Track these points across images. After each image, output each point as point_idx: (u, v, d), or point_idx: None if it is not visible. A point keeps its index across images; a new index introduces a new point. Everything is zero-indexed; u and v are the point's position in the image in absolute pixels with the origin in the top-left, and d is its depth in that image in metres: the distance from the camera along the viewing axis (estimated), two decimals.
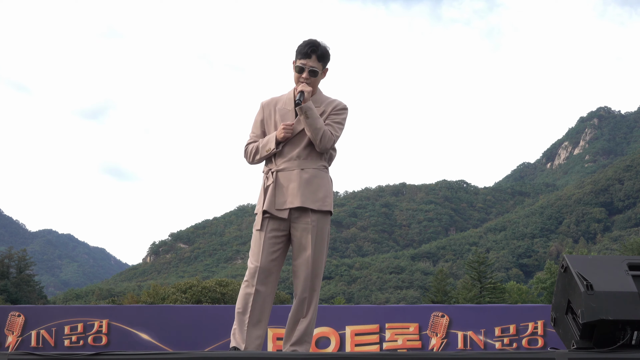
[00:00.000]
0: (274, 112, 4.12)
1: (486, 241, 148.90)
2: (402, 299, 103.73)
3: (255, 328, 3.88)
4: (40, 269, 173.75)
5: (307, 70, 4.01)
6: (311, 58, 4.02)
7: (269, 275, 3.95)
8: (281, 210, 3.95)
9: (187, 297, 48.67)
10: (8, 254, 73.33)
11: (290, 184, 3.96)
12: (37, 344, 8.42)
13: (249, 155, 4.13)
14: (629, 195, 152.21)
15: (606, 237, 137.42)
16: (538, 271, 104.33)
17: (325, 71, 4.13)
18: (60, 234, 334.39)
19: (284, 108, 4.10)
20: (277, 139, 3.98)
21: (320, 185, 4.01)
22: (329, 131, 3.99)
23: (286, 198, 3.95)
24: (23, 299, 62.04)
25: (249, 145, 4.13)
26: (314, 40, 4.05)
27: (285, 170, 3.99)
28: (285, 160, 4.00)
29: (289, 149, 4.02)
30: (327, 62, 4.12)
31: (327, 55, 4.09)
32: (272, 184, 3.98)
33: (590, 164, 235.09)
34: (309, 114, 3.92)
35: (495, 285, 55.70)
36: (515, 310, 8.65)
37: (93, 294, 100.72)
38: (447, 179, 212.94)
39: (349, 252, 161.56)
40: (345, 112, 4.14)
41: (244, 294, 3.92)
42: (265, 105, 4.18)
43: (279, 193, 3.97)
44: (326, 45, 4.09)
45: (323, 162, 4.07)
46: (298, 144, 4.01)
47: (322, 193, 4.00)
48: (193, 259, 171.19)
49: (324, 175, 4.05)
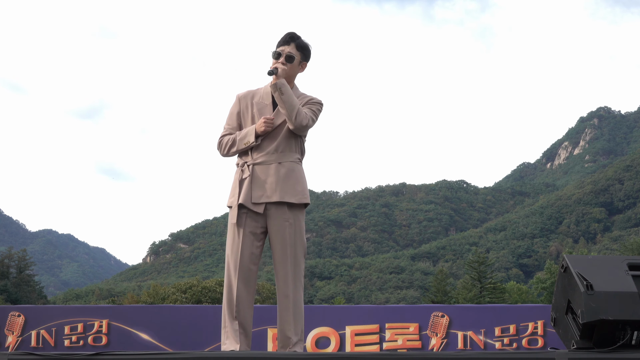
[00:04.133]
0: (250, 105, 4.08)
1: (486, 241, 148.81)
2: (402, 299, 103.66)
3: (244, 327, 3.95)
4: (40, 269, 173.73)
5: (284, 55, 3.98)
6: (290, 45, 4.01)
7: (250, 273, 3.94)
8: (258, 205, 3.91)
9: (187, 297, 48.69)
10: (8, 254, 73.30)
11: (268, 178, 3.92)
12: (37, 344, 8.41)
13: (223, 148, 4.07)
14: (629, 195, 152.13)
15: (606, 237, 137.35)
16: (538, 271, 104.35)
17: (304, 65, 4.09)
18: (60, 234, 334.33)
19: (262, 102, 4.06)
20: (256, 132, 3.94)
21: (298, 179, 3.98)
22: (303, 110, 3.96)
23: (263, 192, 3.91)
24: (23, 299, 61.99)
25: (224, 138, 4.08)
26: (294, 32, 4.05)
27: (263, 164, 3.95)
28: (263, 154, 3.96)
29: (267, 143, 3.97)
30: (307, 57, 4.09)
31: (307, 49, 4.07)
32: (249, 177, 3.93)
33: (590, 164, 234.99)
34: (284, 90, 3.87)
35: (495, 285, 55.70)
36: (515, 310, 8.65)
37: (93, 294, 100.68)
38: (447, 179, 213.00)
39: (349, 252, 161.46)
40: (320, 105, 4.11)
41: (228, 295, 3.93)
42: (241, 97, 4.13)
43: (255, 187, 3.93)
44: (308, 42, 4.07)
45: (298, 155, 4.04)
46: (275, 138, 3.97)
47: (300, 186, 3.98)
48: (193, 259, 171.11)
49: (299, 168, 4.03)
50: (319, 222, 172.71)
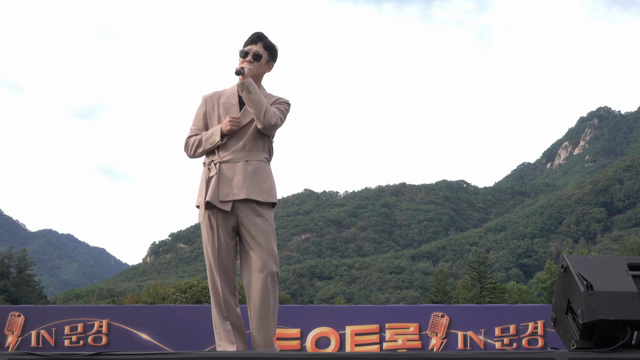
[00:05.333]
0: (217, 105, 4.07)
1: (486, 241, 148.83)
2: (402, 299, 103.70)
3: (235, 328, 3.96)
4: (40, 269, 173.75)
5: (252, 54, 3.98)
6: (257, 44, 4.02)
7: (228, 272, 3.96)
8: (225, 203, 3.89)
9: (187, 297, 48.66)
10: (8, 254, 73.25)
11: (235, 176, 3.91)
12: (37, 344, 8.42)
13: (190, 149, 4.06)
14: (629, 195, 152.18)
15: (606, 237, 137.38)
16: (538, 271, 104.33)
17: (271, 65, 4.08)
18: (60, 234, 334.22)
19: (228, 102, 4.06)
20: (222, 131, 3.93)
21: (265, 177, 3.97)
22: (272, 109, 3.96)
23: (230, 190, 3.90)
24: (23, 299, 61.98)
25: (190, 139, 4.07)
26: (261, 32, 4.06)
27: (230, 162, 3.94)
28: (230, 152, 3.95)
29: (234, 142, 3.96)
30: (275, 57, 4.09)
31: (275, 49, 4.08)
32: (216, 175, 3.92)
33: (590, 164, 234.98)
34: (251, 89, 3.86)
35: (495, 285, 55.73)
36: (515, 310, 8.64)
37: (93, 294, 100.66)
38: (447, 179, 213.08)
39: (349, 252, 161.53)
40: (288, 105, 4.11)
41: (215, 295, 3.95)
42: (207, 98, 4.12)
43: (222, 185, 3.91)
44: (275, 42, 4.09)
45: (265, 154, 4.03)
46: (242, 137, 3.97)
47: (267, 185, 3.96)
48: (193, 259, 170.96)
49: (267, 168, 4.02)
50: (319, 222, 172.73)
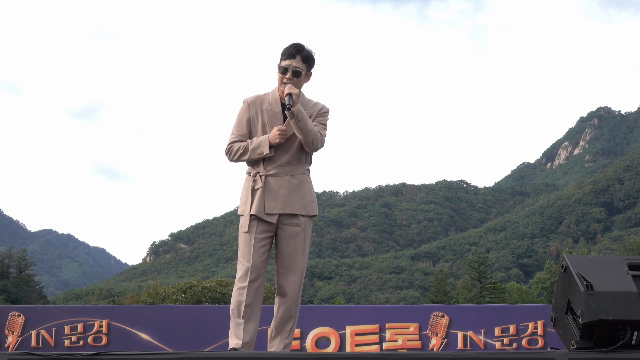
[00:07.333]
0: (260, 112, 4.09)
1: (486, 241, 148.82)
2: (402, 299, 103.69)
3: (249, 323, 3.96)
4: (40, 269, 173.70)
5: (291, 71, 3.99)
6: (295, 58, 4.02)
7: (259, 274, 4.01)
8: (270, 215, 3.99)
9: (187, 297, 48.68)
10: (8, 254, 73.30)
11: (281, 190, 4.00)
12: (37, 344, 8.41)
13: (233, 154, 4.08)
14: (629, 195, 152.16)
15: (606, 237, 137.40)
16: (538, 271, 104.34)
17: (310, 75, 4.12)
18: (60, 234, 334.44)
19: (271, 110, 4.08)
20: (270, 143, 3.97)
21: (307, 191, 4.08)
22: (318, 132, 4.03)
23: (276, 203, 3.98)
24: (23, 299, 62.00)
25: (235, 144, 4.09)
26: (299, 43, 4.05)
27: (276, 176, 4.01)
28: (276, 166, 4.02)
29: (280, 155, 4.03)
30: (312, 66, 4.11)
31: (312, 58, 4.08)
32: (261, 188, 3.99)
33: (590, 164, 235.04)
34: (300, 116, 3.91)
35: (495, 285, 55.71)
36: (515, 310, 8.64)
37: (93, 294, 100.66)
38: (447, 179, 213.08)
39: (349, 252, 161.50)
40: (328, 114, 4.18)
41: (238, 293, 3.97)
42: (250, 103, 4.12)
43: (268, 198, 3.99)
44: (312, 50, 4.08)
45: (307, 166, 4.14)
46: (288, 150, 4.03)
47: (309, 198, 4.09)
48: (193, 259, 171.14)
49: (309, 180, 4.13)
50: (319, 222, 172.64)
